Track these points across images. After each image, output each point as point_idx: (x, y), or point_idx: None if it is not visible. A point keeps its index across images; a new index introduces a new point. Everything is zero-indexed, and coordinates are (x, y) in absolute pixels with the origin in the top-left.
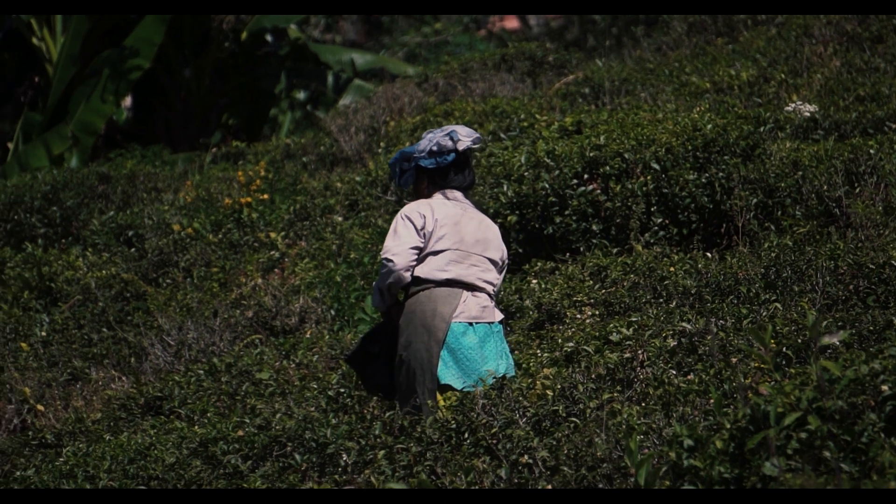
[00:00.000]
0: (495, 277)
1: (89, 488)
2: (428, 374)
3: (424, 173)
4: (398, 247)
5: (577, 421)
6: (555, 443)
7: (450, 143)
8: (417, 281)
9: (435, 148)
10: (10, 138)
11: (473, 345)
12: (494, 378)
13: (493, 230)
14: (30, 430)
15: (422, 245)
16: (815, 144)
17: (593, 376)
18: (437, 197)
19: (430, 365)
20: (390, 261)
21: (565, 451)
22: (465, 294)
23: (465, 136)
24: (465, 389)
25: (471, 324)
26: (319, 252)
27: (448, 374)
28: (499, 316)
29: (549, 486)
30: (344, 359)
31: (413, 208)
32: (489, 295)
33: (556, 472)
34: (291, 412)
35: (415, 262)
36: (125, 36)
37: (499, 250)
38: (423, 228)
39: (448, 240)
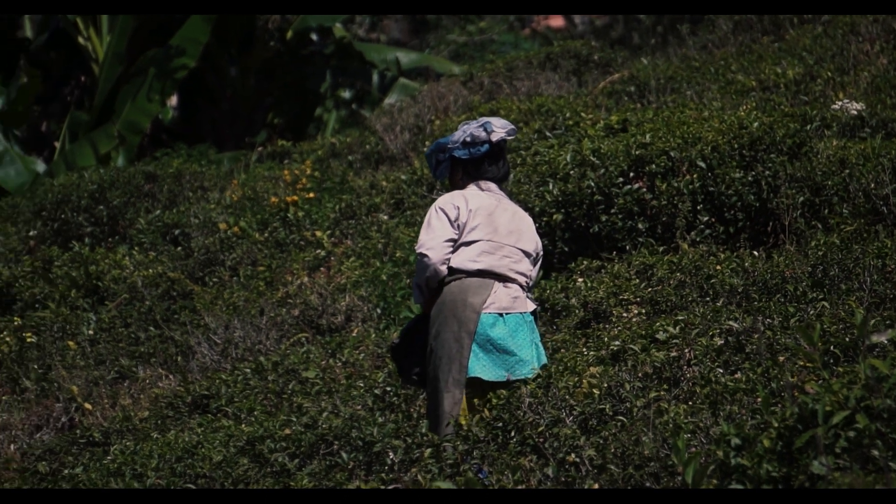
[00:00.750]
0: (528, 269)
1: (137, 487)
2: (456, 363)
3: (459, 164)
4: (432, 240)
5: (624, 419)
6: (602, 441)
7: (483, 134)
8: (450, 271)
9: (468, 139)
10: (56, 137)
11: (503, 335)
12: (533, 370)
13: (526, 221)
14: (78, 428)
15: (456, 237)
16: (861, 142)
17: (640, 375)
18: (472, 188)
19: (460, 355)
20: (426, 255)
21: (612, 450)
22: (497, 285)
23: (500, 128)
24: (495, 380)
25: (501, 314)
26: (365, 251)
27: (477, 365)
28: (531, 306)
29: (596, 485)
30: (388, 350)
31: (447, 200)
32: (521, 286)
33: (603, 470)
34: (338, 411)
35: (450, 255)
36: (171, 35)
37: (532, 241)
38: (457, 219)
39: (481, 230)
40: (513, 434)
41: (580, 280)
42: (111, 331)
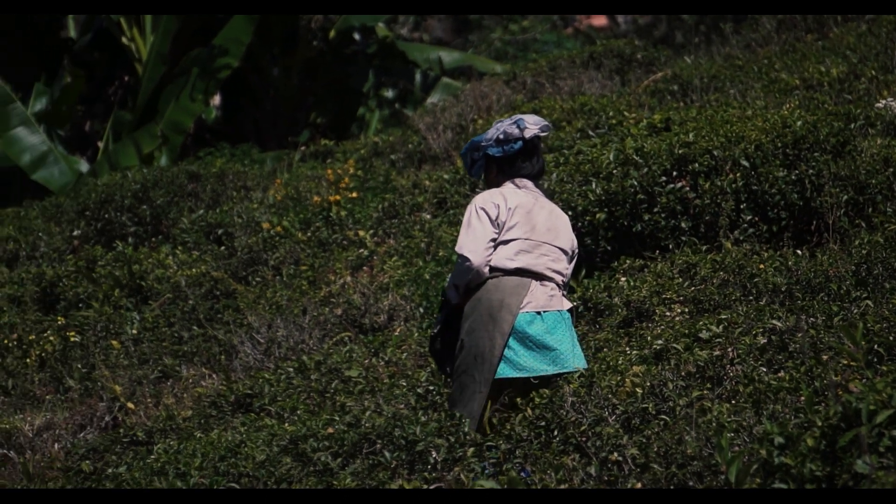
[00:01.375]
0: (565, 267)
1: (181, 487)
2: (487, 363)
3: (493, 162)
4: (473, 242)
5: (667, 418)
6: (645, 440)
7: (516, 132)
8: (489, 269)
9: (501, 136)
10: (100, 137)
11: (541, 332)
12: (575, 367)
13: (563, 219)
14: (121, 427)
15: (496, 236)
16: None
17: (683, 374)
18: (508, 185)
19: (492, 355)
20: (467, 259)
21: (655, 449)
22: (534, 284)
23: (533, 124)
24: (539, 375)
25: (539, 313)
26: (408, 250)
27: (526, 362)
28: (567, 304)
29: (639, 484)
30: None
31: (486, 198)
32: (558, 284)
33: (646, 469)
34: (381, 409)
35: (491, 255)
36: (214, 35)
37: (569, 240)
38: (497, 218)
39: (519, 229)
40: (556, 433)
41: (623, 279)
42: (154, 330)
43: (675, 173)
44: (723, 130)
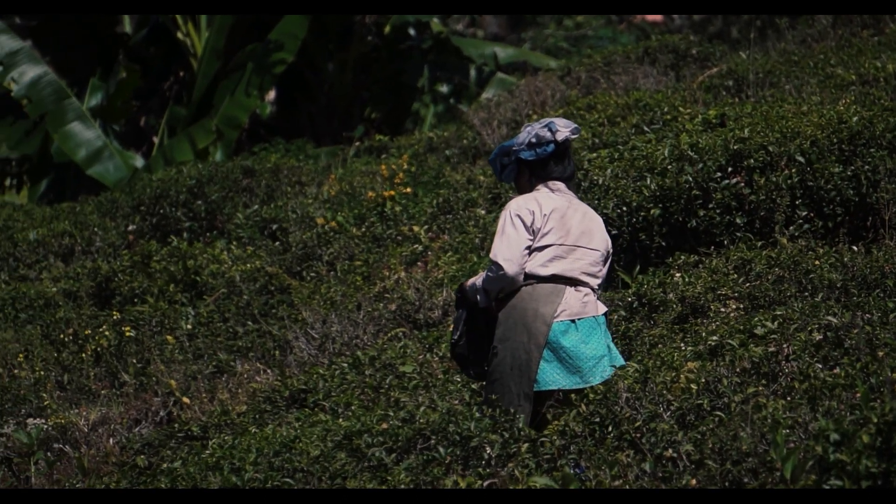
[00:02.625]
0: (599, 270)
1: (236, 482)
2: (525, 376)
3: (525, 166)
4: (509, 250)
5: (722, 415)
6: (699, 437)
7: (548, 135)
8: (524, 275)
9: (534, 139)
10: (155, 132)
11: (575, 342)
12: (612, 367)
13: (596, 221)
14: (176, 422)
15: (531, 243)
16: None
17: (738, 370)
18: (542, 189)
19: (528, 368)
20: (501, 267)
21: (710, 445)
22: (568, 291)
23: (564, 127)
24: (572, 388)
25: (573, 321)
26: (462, 245)
27: (551, 376)
28: (602, 308)
29: (694, 481)
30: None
31: (521, 204)
32: (592, 289)
33: (701, 466)
34: (435, 405)
35: (526, 263)
36: (269, 30)
37: (603, 241)
38: (532, 224)
39: (554, 234)
40: (610, 429)
41: (678, 275)
42: (209, 325)
43: (730, 169)
44: (778, 126)
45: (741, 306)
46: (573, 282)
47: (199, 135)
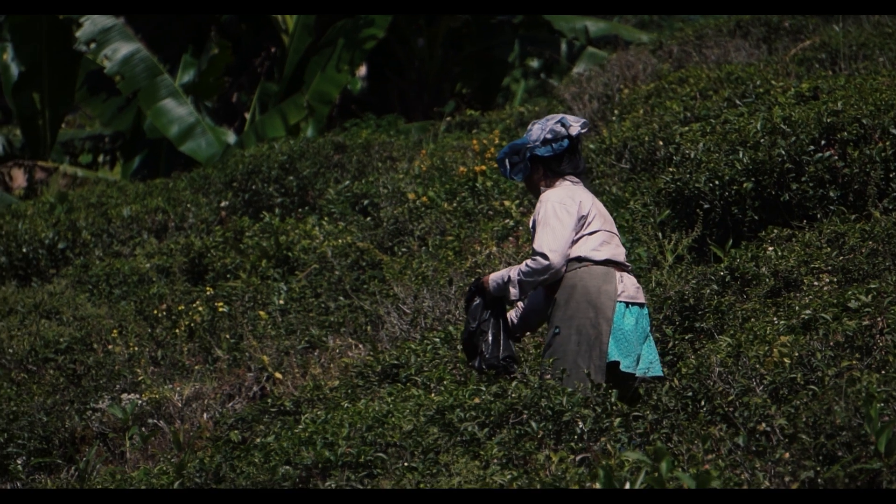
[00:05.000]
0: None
1: (329, 457)
2: (596, 349)
3: (539, 163)
4: (555, 242)
5: (816, 389)
6: (793, 411)
7: (563, 130)
8: (577, 259)
9: (549, 135)
10: (247, 108)
11: (631, 327)
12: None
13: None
14: (269, 397)
15: (575, 235)
16: None
17: (831, 344)
18: (566, 183)
19: (599, 342)
20: (547, 259)
21: (803, 419)
22: (620, 274)
23: (575, 122)
24: (627, 371)
25: (628, 305)
26: None
27: (613, 351)
28: (643, 298)
29: (787, 455)
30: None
31: (563, 196)
32: (635, 276)
33: (794, 440)
34: (527, 380)
35: (571, 252)
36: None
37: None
38: (577, 214)
39: (598, 221)
40: (702, 403)
41: (770, 249)
42: (301, 301)
43: (823, 142)
44: (872, 99)
45: (834, 280)
46: (620, 266)
47: (291, 110)
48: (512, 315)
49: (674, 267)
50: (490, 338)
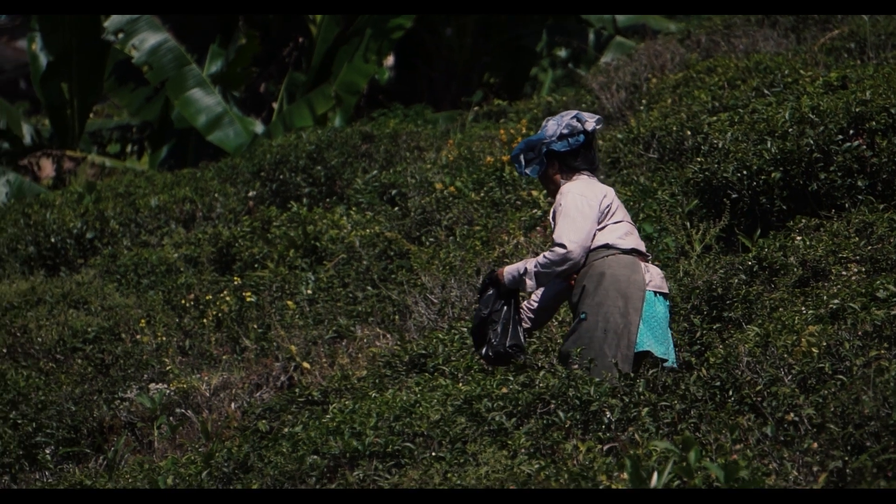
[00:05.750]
0: None
1: (356, 446)
2: (624, 339)
3: (555, 158)
4: (576, 233)
5: (844, 378)
6: (821, 400)
7: (579, 125)
8: (605, 247)
9: (566, 130)
10: (274, 98)
11: (661, 315)
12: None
13: None
14: (296, 387)
15: (596, 227)
16: None
17: (860, 333)
18: (583, 177)
19: (627, 331)
20: (568, 249)
21: (832, 409)
22: (645, 264)
23: (590, 118)
24: (661, 357)
25: (656, 294)
26: None
27: (646, 339)
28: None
29: (815, 444)
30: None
31: (584, 188)
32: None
33: (823, 429)
34: (555, 370)
35: (595, 240)
36: None
37: None
38: (599, 206)
39: (620, 212)
40: (731, 393)
41: (799, 238)
42: (329, 290)
43: (851, 132)
44: None
45: (863, 269)
46: (644, 256)
47: (319, 100)
48: (524, 307)
49: (702, 257)
50: (500, 328)
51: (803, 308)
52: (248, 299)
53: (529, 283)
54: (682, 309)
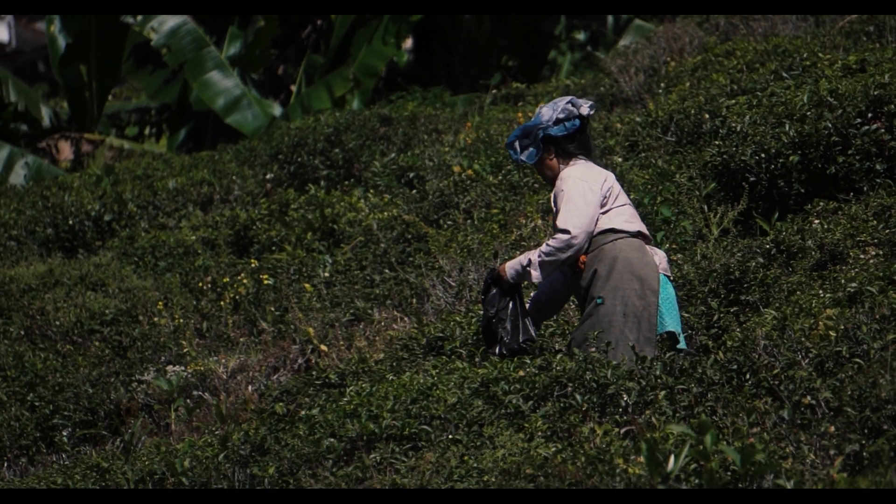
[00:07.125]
0: None
1: (373, 429)
2: (645, 322)
3: (551, 143)
4: (580, 219)
5: (861, 362)
6: (838, 384)
7: (574, 109)
8: (612, 230)
9: (562, 115)
10: (293, 81)
11: (672, 296)
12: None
13: None
14: (314, 369)
15: (603, 208)
16: None
17: (877, 317)
18: (581, 162)
19: (648, 314)
20: (574, 235)
21: (849, 392)
22: (651, 247)
23: (584, 103)
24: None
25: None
26: None
27: (668, 320)
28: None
29: (832, 428)
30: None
31: (584, 173)
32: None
33: (840, 413)
34: (572, 353)
35: (600, 224)
36: None
37: None
38: (601, 191)
39: (623, 196)
40: (748, 376)
41: (816, 221)
42: (346, 273)
43: (870, 115)
44: None
45: (881, 253)
46: (648, 240)
47: (337, 83)
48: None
49: (719, 240)
50: (509, 325)
51: (821, 291)
52: (266, 282)
53: (535, 273)
54: (699, 292)
